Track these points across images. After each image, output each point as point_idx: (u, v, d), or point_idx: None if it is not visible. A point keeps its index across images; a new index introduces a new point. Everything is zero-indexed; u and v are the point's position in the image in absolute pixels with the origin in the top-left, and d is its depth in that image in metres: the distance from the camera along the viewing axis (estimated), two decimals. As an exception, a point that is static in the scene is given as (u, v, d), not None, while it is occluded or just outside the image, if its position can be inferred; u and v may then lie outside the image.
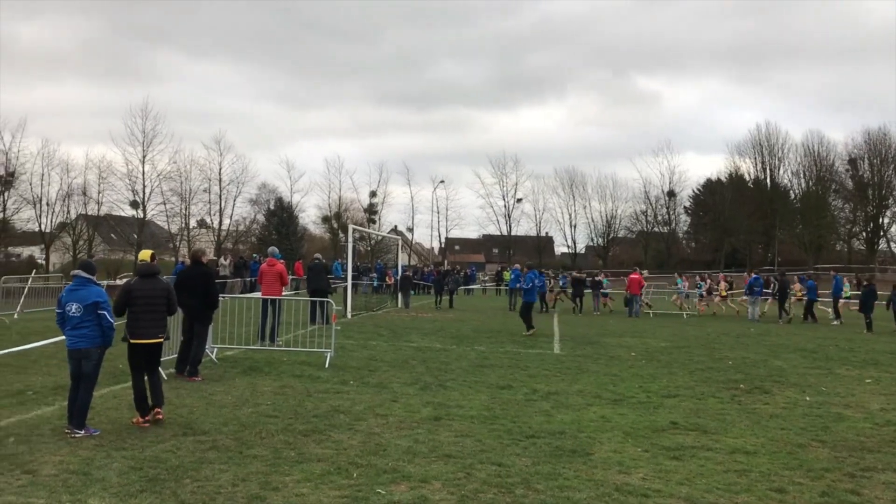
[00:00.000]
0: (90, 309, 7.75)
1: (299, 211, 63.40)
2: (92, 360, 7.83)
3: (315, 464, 6.85)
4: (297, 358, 13.05)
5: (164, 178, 55.27)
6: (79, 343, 7.77)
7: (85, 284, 7.90)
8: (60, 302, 7.90)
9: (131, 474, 6.39)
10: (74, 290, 7.87)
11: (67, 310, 7.78)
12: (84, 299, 7.77)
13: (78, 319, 7.75)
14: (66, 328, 7.84)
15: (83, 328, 7.76)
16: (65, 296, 7.90)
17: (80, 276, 7.97)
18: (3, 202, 51.44)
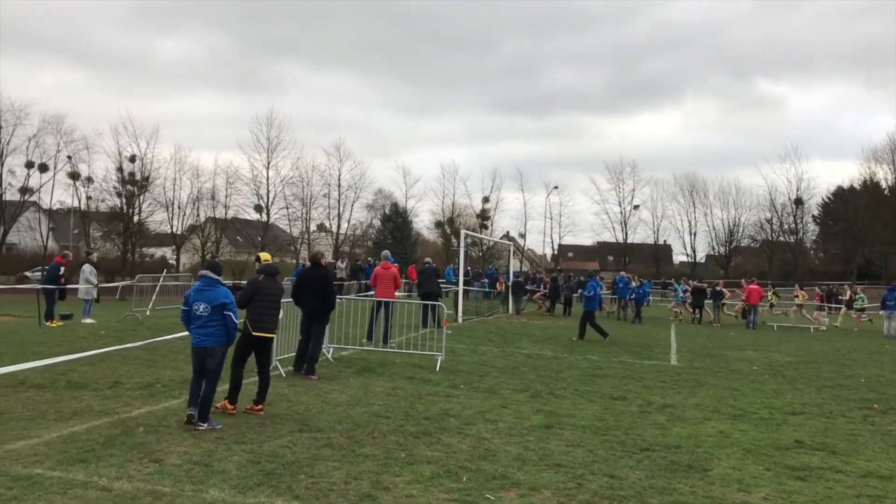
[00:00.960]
0: (217, 309, 7.97)
1: (413, 216, 64.35)
2: (216, 357, 8.07)
3: (425, 466, 6.89)
4: (410, 360, 13.19)
5: (287, 184, 57.36)
6: (205, 341, 7.99)
7: (213, 285, 8.13)
8: (187, 300, 8.15)
9: (249, 467, 6.62)
10: (202, 290, 8.10)
11: (195, 309, 8.01)
12: (212, 300, 7.99)
13: (205, 318, 7.97)
14: (192, 326, 8.08)
15: (210, 327, 7.98)
16: (192, 295, 8.12)
17: (208, 276, 8.21)
18: (138, 205, 54.71)
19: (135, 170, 54.14)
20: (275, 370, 11.29)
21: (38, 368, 10.88)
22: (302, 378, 11.15)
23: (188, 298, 8.15)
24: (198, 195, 56.15)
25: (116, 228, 54.74)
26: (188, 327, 8.17)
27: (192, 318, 8.06)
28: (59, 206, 56.89)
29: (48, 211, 56.61)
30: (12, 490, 5.78)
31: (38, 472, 6.22)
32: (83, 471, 6.34)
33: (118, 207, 54.29)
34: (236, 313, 8.15)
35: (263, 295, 9.01)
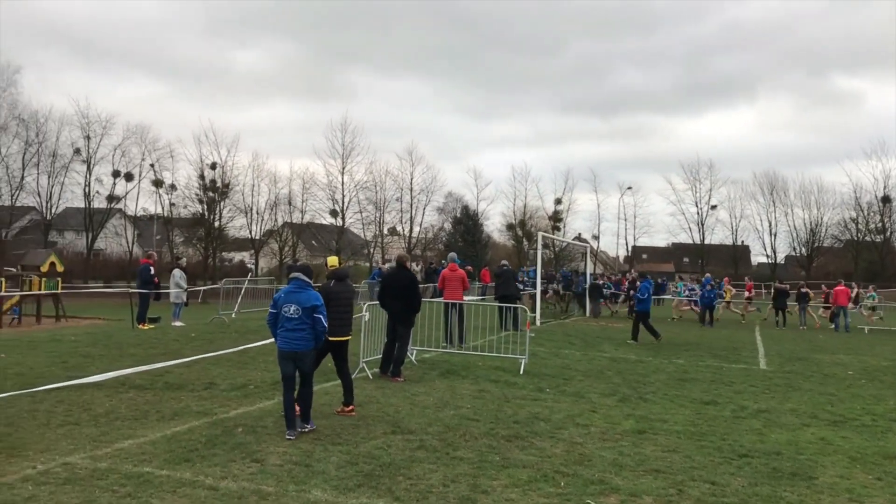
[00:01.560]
0: (308, 312, 7.85)
1: (484, 219, 64.30)
2: (306, 361, 7.97)
3: (520, 470, 6.86)
4: (492, 363, 13.16)
5: (361, 188, 58.12)
6: (295, 345, 7.84)
7: (304, 288, 8.03)
8: (276, 303, 8.02)
9: (348, 468, 6.70)
10: (293, 292, 7.98)
11: (284, 311, 7.87)
12: (303, 302, 7.88)
13: (296, 322, 7.84)
14: (280, 329, 7.91)
15: (300, 331, 7.84)
16: (282, 297, 7.99)
17: (299, 279, 8.09)
18: (219, 211, 56.28)
19: (215, 177, 55.70)
20: (361, 372, 11.45)
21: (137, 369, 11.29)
22: (388, 380, 11.25)
23: (277, 301, 8.03)
24: (275, 201, 57.46)
25: (198, 234, 56.44)
26: (274, 331, 8.05)
27: (280, 321, 7.93)
28: (143, 213, 58.95)
29: (133, 218, 58.69)
30: (126, 487, 6.00)
31: (148, 471, 6.44)
32: (189, 470, 6.53)
33: (200, 213, 55.93)
34: (326, 317, 8.10)
35: (336, 299, 9.00)
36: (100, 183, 55.01)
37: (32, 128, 52.25)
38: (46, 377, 10.47)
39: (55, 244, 53.32)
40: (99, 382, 10.21)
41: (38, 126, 52.44)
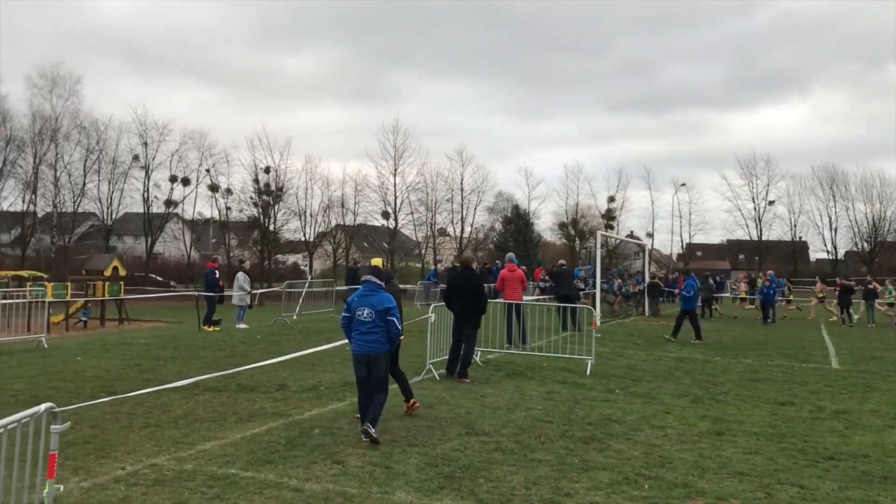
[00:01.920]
0: (381, 315, 7.80)
1: (535, 218, 63.93)
2: (381, 365, 7.91)
3: (601, 472, 6.78)
4: (557, 364, 13.07)
5: (413, 190, 58.32)
6: (369, 348, 7.81)
7: (376, 291, 7.98)
8: (350, 306, 7.99)
9: (428, 470, 6.71)
10: (366, 295, 7.93)
11: (358, 314, 7.84)
12: (376, 305, 7.83)
13: (369, 325, 7.79)
14: (354, 332, 7.90)
15: (374, 333, 7.80)
16: (356, 300, 7.96)
17: (371, 282, 8.05)
18: (273, 214, 57.07)
19: (270, 180, 56.49)
20: (428, 373, 11.48)
21: (209, 373, 11.49)
22: (455, 381, 11.24)
23: (350, 304, 8.01)
24: (328, 203, 58.02)
25: (253, 237, 57.34)
26: (349, 335, 8.03)
27: (353, 324, 7.91)
28: (199, 217, 60.09)
29: (190, 222, 59.87)
30: (213, 489, 6.10)
31: (233, 472, 6.54)
32: (273, 471, 6.61)
33: (255, 217, 56.80)
34: (400, 320, 8.04)
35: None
36: (158, 188, 56.23)
37: (93, 135, 53.69)
38: (123, 379, 10.74)
39: (115, 248, 54.67)
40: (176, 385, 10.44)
41: (98, 134, 53.87)
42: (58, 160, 52.55)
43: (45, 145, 52.04)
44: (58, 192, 52.93)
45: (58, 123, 52.09)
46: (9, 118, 50.90)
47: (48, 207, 53.66)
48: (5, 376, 10.63)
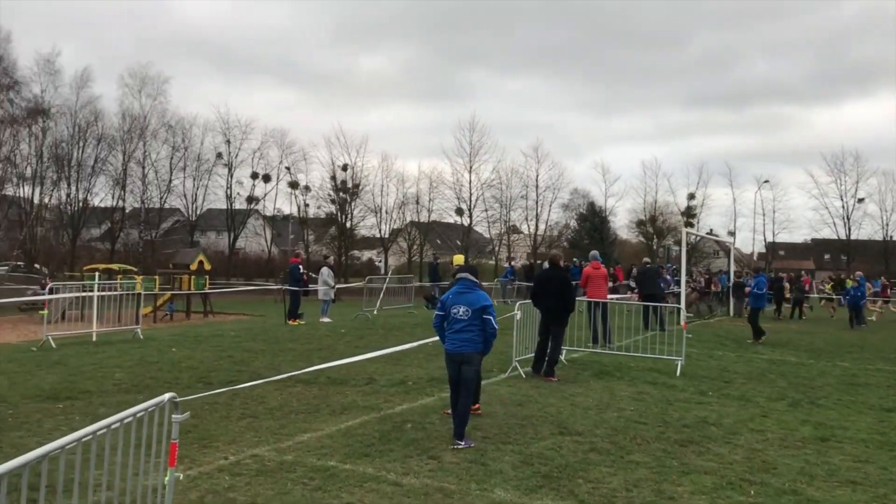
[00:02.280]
0: (478, 313, 7.55)
1: (612, 215, 63.01)
2: (474, 365, 7.65)
3: (703, 476, 6.60)
4: (644, 364, 12.80)
5: (487, 187, 58.26)
6: (464, 347, 7.57)
7: (472, 288, 7.74)
8: (444, 304, 7.79)
9: (524, 469, 6.65)
10: (462, 293, 7.69)
11: (454, 312, 7.60)
12: (473, 303, 7.59)
13: (464, 323, 7.55)
14: (448, 331, 7.67)
15: (469, 332, 7.56)
16: (451, 298, 7.73)
17: (467, 279, 7.81)
18: (350, 211, 57.94)
19: (347, 178, 57.34)
20: (514, 370, 11.40)
21: (300, 366, 11.70)
22: (541, 380, 11.13)
23: (445, 302, 7.79)
24: (403, 200, 58.52)
25: (330, 233, 58.35)
26: (441, 334, 7.81)
27: (448, 322, 7.67)
28: (278, 213, 61.46)
29: (271, 218, 61.27)
30: (315, 481, 6.18)
31: (332, 465, 6.61)
32: (370, 465, 6.66)
33: (332, 213, 57.76)
34: (495, 318, 7.74)
35: None
36: (240, 185, 57.82)
37: (179, 134, 55.56)
38: (217, 370, 11.03)
39: (198, 243, 56.41)
40: (269, 377, 10.67)
41: (183, 132, 55.72)
42: (146, 158, 54.50)
43: (134, 143, 54.10)
44: (145, 188, 54.95)
45: (146, 122, 54.11)
46: (101, 117, 53.07)
47: (136, 203, 55.73)
48: (108, 365, 11.04)
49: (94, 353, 12.10)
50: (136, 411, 4.43)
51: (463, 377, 7.60)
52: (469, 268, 8.22)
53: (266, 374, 10.84)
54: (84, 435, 3.94)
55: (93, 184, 54.45)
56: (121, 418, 4.25)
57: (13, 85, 45.09)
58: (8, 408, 8.30)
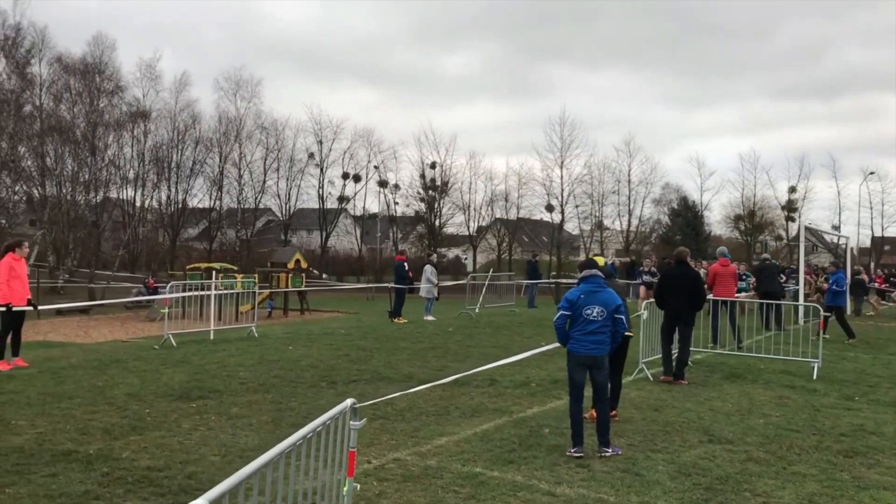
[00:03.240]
0: (610, 314, 7.12)
1: (707, 210, 61.04)
2: (604, 368, 7.18)
3: (882, 492, 6.07)
4: (774, 366, 12.11)
5: (579, 182, 57.34)
6: (595, 349, 7.06)
7: (603, 286, 7.26)
8: (572, 304, 7.15)
9: (682, 479, 6.24)
10: (594, 292, 7.17)
11: (586, 313, 7.05)
12: (608, 303, 7.11)
13: (598, 324, 7.05)
14: (575, 332, 7.11)
15: (601, 333, 7.08)
16: (582, 298, 7.14)
17: (597, 277, 7.31)
18: (439, 209, 58.00)
19: (435, 175, 57.44)
20: (640, 372, 10.93)
21: (416, 365, 11.54)
22: (671, 383, 10.61)
23: (574, 302, 7.15)
24: (492, 197, 58.24)
25: (418, 230, 58.57)
26: (563, 334, 7.21)
27: (576, 323, 7.11)
28: (367, 213, 62.15)
29: (361, 217, 61.99)
30: (465, 488, 5.92)
31: (478, 471, 6.35)
32: (517, 472, 6.37)
33: (421, 211, 57.96)
34: (627, 317, 7.51)
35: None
36: (331, 185, 58.68)
37: (272, 135, 56.76)
38: (338, 369, 10.95)
39: (290, 242, 57.50)
40: (389, 377, 10.54)
41: (277, 133, 56.90)
42: (241, 159, 55.91)
43: (230, 145, 55.54)
44: (241, 188, 56.33)
45: (241, 124, 55.45)
46: (199, 120, 54.70)
47: (232, 203, 57.22)
48: (230, 364, 11.11)
49: (215, 352, 12.23)
50: (326, 420, 4.24)
51: (597, 382, 7.16)
52: (591, 262, 7.58)
53: (385, 374, 10.73)
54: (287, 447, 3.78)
55: (191, 185, 56.27)
56: (313, 428, 4.10)
57: (117, 90, 46.89)
58: (144, 406, 8.38)
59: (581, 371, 7.16)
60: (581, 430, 7.01)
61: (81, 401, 8.53)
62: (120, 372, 10.37)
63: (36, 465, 6.16)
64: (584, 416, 7.38)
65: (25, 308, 10.67)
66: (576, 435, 6.99)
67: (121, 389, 9.20)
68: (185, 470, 6.15)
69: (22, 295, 10.54)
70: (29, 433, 7.15)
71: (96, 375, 10.08)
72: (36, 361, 11.05)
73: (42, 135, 41.75)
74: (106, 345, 18.17)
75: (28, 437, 6.98)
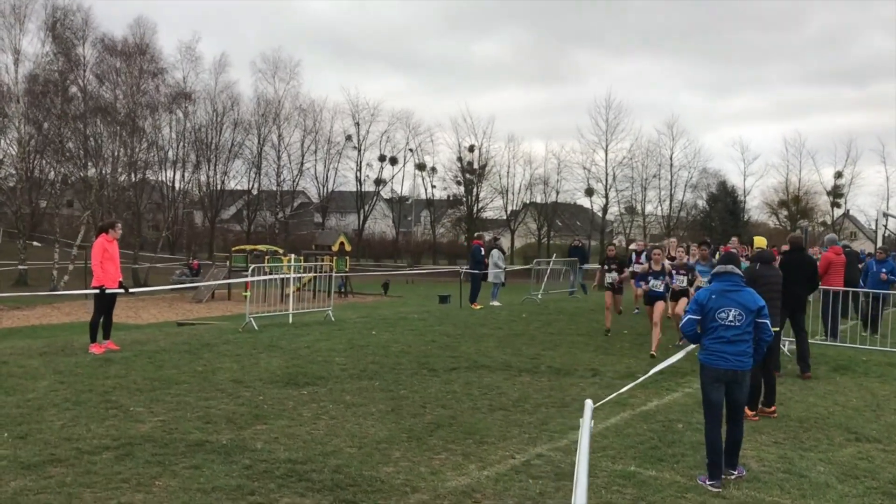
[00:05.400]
0: (752, 317, 6.02)
1: (750, 196, 60.06)
2: (745, 386, 6.09)
3: None
4: (875, 357, 11.65)
5: (620, 166, 56.67)
6: (737, 363, 5.93)
7: (741, 285, 6.12)
8: (703, 306, 6.09)
9: (853, 483, 5.94)
10: (728, 291, 6.05)
11: (721, 318, 5.97)
12: (747, 304, 5.99)
13: (737, 330, 5.94)
14: (710, 340, 6.02)
15: (743, 343, 5.96)
16: (714, 299, 6.05)
17: (733, 274, 6.18)
18: (476, 192, 57.62)
19: (473, 159, 57.01)
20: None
21: (508, 353, 11.22)
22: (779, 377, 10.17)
23: (704, 304, 6.09)
24: (530, 181, 57.77)
25: (454, 214, 58.31)
26: (696, 337, 6.19)
27: (709, 330, 6.04)
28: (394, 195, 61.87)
29: (398, 199, 61.79)
30: (627, 488, 5.62)
31: (633, 470, 6.04)
32: (674, 472, 6.07)
33: (458, 195, 57.63)
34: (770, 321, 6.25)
35: (766, 284, 8.16)
36: (369, 167, 58.49)
37: (310, 117, 56.57)
38: (432, 356, 10.66)
39: (322, 225, 57.46)
40: (487, 365, 10.23)
41: (314, 115, 56.69)
42: (280, 141, 55.83)
43: (269, 127, 55.43)
44: (279, 171, 56.30)
45: (280, 106, 55.29)
46: (237, 102, 54.62)
47: (270, 186, 57.22)
48: (321, 349, 10.88)
49: (300, 336, 12.01)
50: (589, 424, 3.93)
51: (734, 402, 6.03)
52: (730, 257, 6.39)
53: (482, 361, 10.42)
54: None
55: (230, 167, 56.30)
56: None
57: (159, 72, 46.84)
58: (255, 393, 8.15)
59: (718, 388, 5.99)
60: (721, 461, 5.86)
61: (189, 387, 8.32)
62: (215, 356, 10.16)
63: (173, 455, 5.93)
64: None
65: (117, 291, 10.48)
66: (714, 466, 5.84)
67: (223, 375, 8.98)
68: (328, 463, 5.89)
69: (114, 277, 10.36)
70: (151, 421, 6.93)
71: (193, 360, 9.88)
72: (124, 345, 10.88)
73: (85, 116, 41.85)
74: (165, 326, 18.10)
75: (153, 426, 6.76)
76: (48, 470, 5.51)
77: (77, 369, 9.09)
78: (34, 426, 6.63)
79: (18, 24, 38.81)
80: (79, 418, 6.92)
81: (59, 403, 7.44)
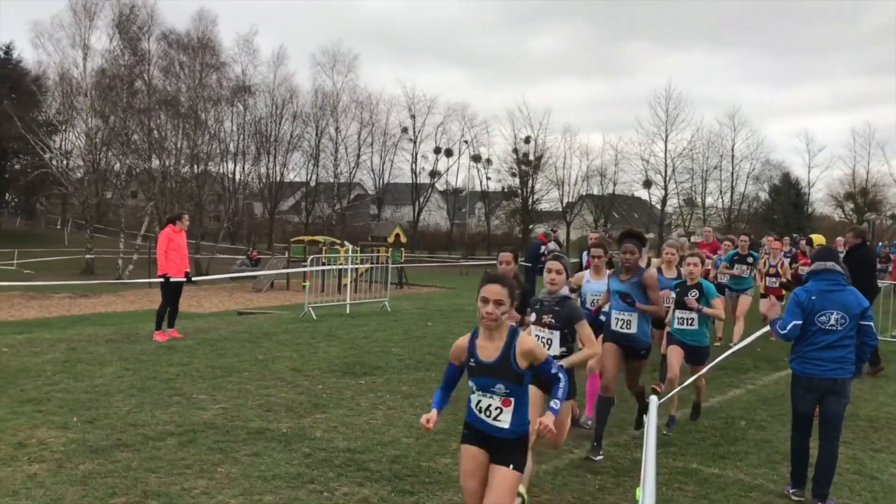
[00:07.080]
0: (855, 320, 5.44)
1: (812, 188, 58.33)
2: (845, 396, 5.46)
3: None
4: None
5: (680, 158, 55.66)
6: (836, 371, 5.37)
7: (842, 284, 5.51)
8: (803, 308, 5.45)
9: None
10: (829, 291, 5.44)
11: (820, 322, 5.39)
12: (850, 306, 5.40)
13: (838, 335, 5.36)
14: (807, 347, 5.45)
15: (844, 348, 5.38)
16: (815, 301, 5.43)
17: (833, 271, 5.54)
18: (531, 184, 57.25)
19: (529, 151, 56.65)
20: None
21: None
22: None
23: (804, 306, 5.45)
24: (587, 173, 57.17)
25: (509, 206, 58.05)
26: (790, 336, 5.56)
27: (808, 334, 5.43)
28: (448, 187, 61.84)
29: (453, 191, 61.78)
30: (688, 486, 5.55)
31: (695, 467, 5.95)
32: (738, 470, 5.99)
33: (513, 187, 57.36)
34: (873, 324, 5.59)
35: None
36: (425, 159, 58.61)
37: (367, 109, 56.91)
38: (488, 349, 10.63)
39: (377, 216, 57.78)
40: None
41: (371, 108, 57.01)
42: (338, 133, 56.35)
43: (327, 119, 55.98)
44: (336, 162, 56.82)
45: (338, 98, 55.76)
46: (296, 95, 55.26)
47: (328, 178, 57.81)
48: (377, 339, 10.95)
49: (357, 326, 12.11)
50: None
51: (831, 415, 5.43)
52: (830, 253, 5.79)
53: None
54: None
55: (288, 159, 57.05)
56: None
57: (220, 66, 47.65)
58: (315, 382, 8.24)
59: (810, 400, 5.47)
60: (805, 470, 5.52)
61: (249, 375, 8.46)
62: (274, 345, 10.31)
63: (234, 442, 6.03)
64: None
65: (182, 280, 10.71)
66: (798, 475, 5.54)
67: (283, 364, 9.10)
68: (386, 453, 5.92)
69: (180, 267, 10.59)
70: (213, 408, 7.06)
71: (253, 348, 10.04)
72: (187, 333, 11.11)
73: (150, 109, 42.87)
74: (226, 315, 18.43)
75: (215, 413, 6.89)
76: (115, 454, 5.66)
77: (142, 356, 9.33)
78: (102, 411, 6.81)
79: (88, 20, 39.98)
80: (143, 404, 7.10)
81: (125, 389, 7.64)
